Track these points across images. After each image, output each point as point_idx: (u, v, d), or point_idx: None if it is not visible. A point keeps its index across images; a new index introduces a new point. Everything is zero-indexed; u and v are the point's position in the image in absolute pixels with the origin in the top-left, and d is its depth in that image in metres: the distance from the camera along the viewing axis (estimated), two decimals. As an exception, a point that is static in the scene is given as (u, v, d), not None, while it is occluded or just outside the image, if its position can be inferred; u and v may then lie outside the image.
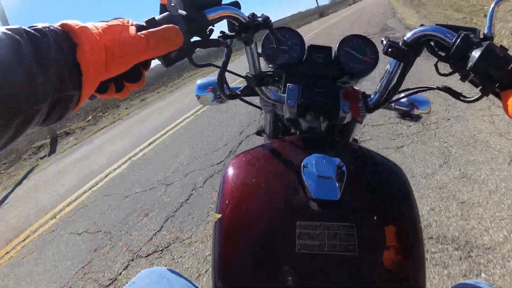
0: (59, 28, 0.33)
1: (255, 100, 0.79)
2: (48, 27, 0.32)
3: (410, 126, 2.66)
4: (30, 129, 0.31)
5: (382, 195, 0.53)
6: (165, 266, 1.84)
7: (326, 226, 0.46)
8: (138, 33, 0.37)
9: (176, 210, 2.42)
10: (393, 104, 0.81)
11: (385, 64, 0.62)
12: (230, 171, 0.55)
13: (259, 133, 0.90)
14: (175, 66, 0.46)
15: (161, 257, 1.98)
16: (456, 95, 0.52)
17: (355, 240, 0.45)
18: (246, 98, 0.75)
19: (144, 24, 0.42)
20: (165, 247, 2.05)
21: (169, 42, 0.40)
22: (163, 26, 0.40)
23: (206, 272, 1.74)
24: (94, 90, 0.37)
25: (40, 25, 0.32)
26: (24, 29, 0.30)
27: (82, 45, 0.33)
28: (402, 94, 0.62)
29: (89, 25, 0.35)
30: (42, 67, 0.29)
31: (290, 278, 0.43)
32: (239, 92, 0.71)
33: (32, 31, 0.30)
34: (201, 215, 2.27)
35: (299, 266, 0.44)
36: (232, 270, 0.46)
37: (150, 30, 0.39)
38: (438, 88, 0.56)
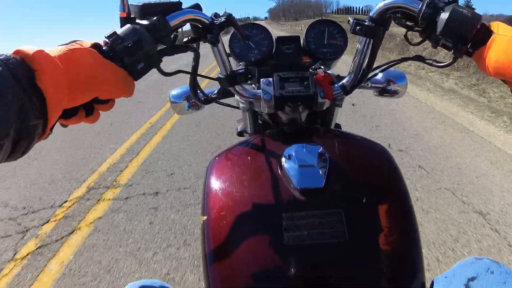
0: (14, 55, 0.31)
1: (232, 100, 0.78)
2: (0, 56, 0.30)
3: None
4: None
5: (368, 176, 0.52)
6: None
7: (312, 215, 0.44)
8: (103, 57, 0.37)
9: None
10: (369, 83, 0.81)
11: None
12: (212, 172, 0.53)
13: (240, 133, 0.88)
14: None
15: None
16: (430, 61, 0.52)
17: (343, 226, 0.43)
18: (223, 100, 0.73)
19: (107, 40, 0.40)
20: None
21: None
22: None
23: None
24: (59, 115, 0.35)
25: None
26: None
27: (40, 69, 0.31)
28: (377, 71, 0.61)
29: (46, 49, 0.33)
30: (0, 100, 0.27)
31: (280, 272, 0.42)
32: (214, 96, 0.69)
33: None
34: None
35: (289, 259, 0.42)
36: (224, 270, 0.44)
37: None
38: (410, 59, 0.55)
